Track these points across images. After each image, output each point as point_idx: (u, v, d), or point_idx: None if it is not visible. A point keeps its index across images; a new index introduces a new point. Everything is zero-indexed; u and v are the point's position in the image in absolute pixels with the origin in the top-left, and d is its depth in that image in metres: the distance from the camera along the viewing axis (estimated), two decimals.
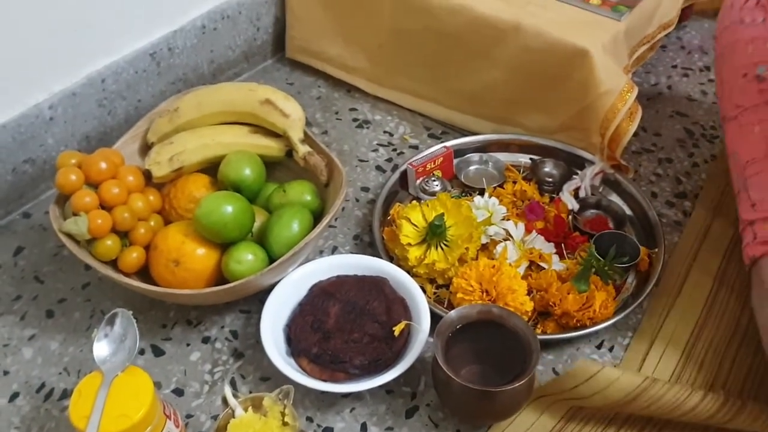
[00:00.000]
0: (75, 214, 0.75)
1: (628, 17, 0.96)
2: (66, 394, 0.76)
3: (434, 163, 0.95)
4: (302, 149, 0.86)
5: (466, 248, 0.82)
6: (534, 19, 0.93)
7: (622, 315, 0.78)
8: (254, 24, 1.14)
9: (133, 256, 0.78)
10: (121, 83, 0.99)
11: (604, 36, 0.92)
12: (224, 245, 0.79)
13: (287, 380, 0.71)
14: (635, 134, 0.93)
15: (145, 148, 0.89)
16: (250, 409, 0.67)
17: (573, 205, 0.91)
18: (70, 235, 0.75)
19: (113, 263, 0.78)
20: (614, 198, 0.93)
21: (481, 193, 0.92)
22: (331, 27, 1.11)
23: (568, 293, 0.78)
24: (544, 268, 0.83)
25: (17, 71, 0.88)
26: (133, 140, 0.89)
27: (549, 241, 0.86)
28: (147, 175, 0.84)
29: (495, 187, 0.94)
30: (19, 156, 0.92)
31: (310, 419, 0.74)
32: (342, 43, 1.11)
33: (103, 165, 0.78)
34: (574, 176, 0.95)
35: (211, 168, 0.87)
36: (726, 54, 0.89)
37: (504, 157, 0.99)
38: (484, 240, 0.85)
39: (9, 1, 0.83)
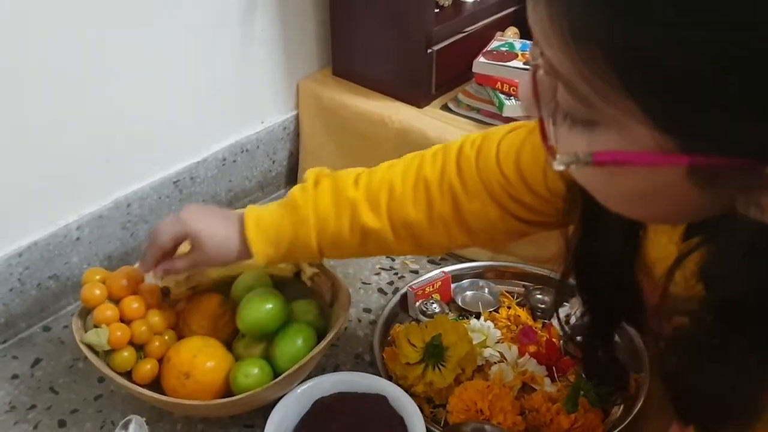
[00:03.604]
0: (96, 326, 0.81)
1: None
2: None
3: (433, 287, 1.00)
4: (309, 270, 0.92)
5: (462, 369, 0.86)
6: None
7: None
8: (270, 157, 1.24)
9: (147, 368, 0.82)
10: (145, 208, 1.07)
11: None
12: (232, 361, 0.84)
13: None
14: None
15: None
16: None
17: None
18: (90, 346, 0.80)
19: (127, 374, 0.82)
20: None
21: (477, 316, 0.98)
22: (340, 163, 1.20)
23: (558, 414, 0.81)
24: (535, 390, 0.87)
25: (53, 194, 0.96)
26: None
27: (541, 364, 0.90)
28: (164, 292, 0.90)
29: (490, 312, 0.99)
30: (45, 272, 0.98)
31: None
32: None
33: (125, 282, 0.84)
34: (565, 303, 1.00)
35: (223, 285, 0.92)
36: None
37: (499, 283, 1.04)
38: (479, 362, 0.89)
39: (51, 132, 0.92)
